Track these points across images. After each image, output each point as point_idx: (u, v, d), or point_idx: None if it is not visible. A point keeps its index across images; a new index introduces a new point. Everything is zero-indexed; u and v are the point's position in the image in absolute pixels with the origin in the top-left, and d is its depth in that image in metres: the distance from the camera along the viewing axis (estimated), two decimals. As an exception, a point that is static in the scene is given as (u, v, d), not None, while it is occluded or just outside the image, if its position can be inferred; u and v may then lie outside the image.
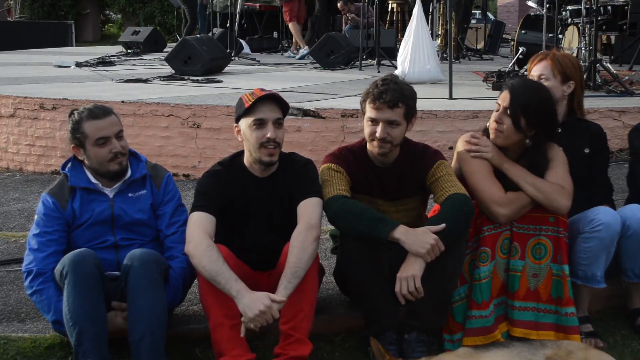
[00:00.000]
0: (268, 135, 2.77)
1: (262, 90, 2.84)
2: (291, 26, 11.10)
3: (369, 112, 2.85)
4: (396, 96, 2.80)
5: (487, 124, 3.04)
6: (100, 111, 2.85)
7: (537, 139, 2.93)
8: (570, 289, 2.89)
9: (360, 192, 2.93)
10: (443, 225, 2.66)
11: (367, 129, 2.87)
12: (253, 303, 2.51)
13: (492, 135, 2.98)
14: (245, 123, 2.81)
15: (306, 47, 10.95)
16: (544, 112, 2.91)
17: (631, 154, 3.45)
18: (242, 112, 2.80)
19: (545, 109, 2.92)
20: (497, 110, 2.96)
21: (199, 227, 2.71)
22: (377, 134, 2.82)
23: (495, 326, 2.89)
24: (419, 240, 2.63)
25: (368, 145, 2.92)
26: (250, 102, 2.76)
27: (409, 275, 2.62)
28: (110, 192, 2.92)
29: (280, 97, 2.84)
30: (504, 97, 2.93)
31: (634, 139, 3.37)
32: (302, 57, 10.74)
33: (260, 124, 2.78)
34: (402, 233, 2.66)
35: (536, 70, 3.21)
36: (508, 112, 2.90)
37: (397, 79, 2.90)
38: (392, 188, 2.96)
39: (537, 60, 3.24)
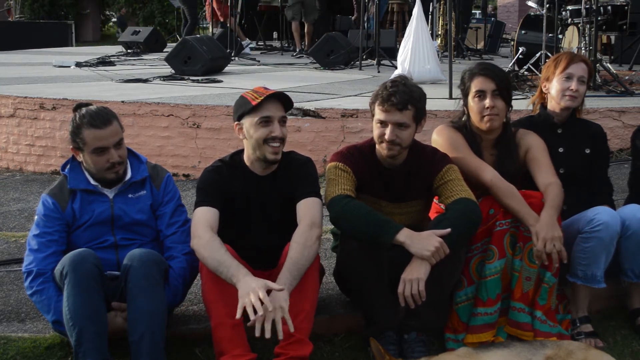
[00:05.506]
0: (275, 133, 2.77)
1: (265, 88, 2.84)
2: (231, 21, 11.52)
3: (378, 114, 2.84)
4: (405, 98, 2.80)
5: (462, 118, 3.13)
6: (101, 120, 2.79)
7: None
8: (554, 298, 2.95)
9: (365, 192, 2.92)
10: (448, 230, 2.66)
11: (376, 130, 2.87)
12: (246, 290, 2.48)
13: (488, 124, 3.03)
14: (249, 121, 2.80)
15: (247, 39, 11.83)
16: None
17: (633, 155, 3.44)
18: (248, 110, 2.79)
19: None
20: (476, 97, 3.01)
21: (202, 222, 2.73)
22: (386, 136, 2.81)
23: (497, 322, 2.91)
24: (424, 243, 2.63)
25: (377, 147, 2.91)
26: (259, 100, 2.76)
27: (414, 278, 2.62)
28: (110, 192, 2.91)
29: (284, 95, 2.84)
30: (483, 82, 3.00)
31: (635, 140, 3.37)
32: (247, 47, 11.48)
33: (266, 121, 2.78)
34: (406, 237, 2.65)
35: (577, 70, 3.18)
36: (497, 92, 3.00)
37: (406, 80, 2.89)
38: (398, 190, 2.96)
39: (577, 60, 3.20)
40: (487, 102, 3.00)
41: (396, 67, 7.32)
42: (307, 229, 2.71)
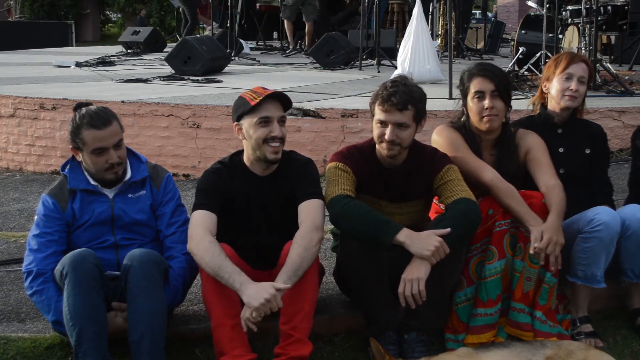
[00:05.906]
0: (274, 133, 2.77)
1: (264, 88, 2.84)
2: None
3: (378, 114, 2.84)
4: (405, 98, 2.80)
5: (461, 118, 3.13)
6: (101, 120, 2.79)
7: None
8: (554, 298, 2.94)
9: (365, 192, 2.92)
10: (448, 229, 2.66)
11: (376, 130, 2.87)
12: (258, 293, 2.52)
13: (487, 125, 3.02)
14: (248, 121, 2.80)
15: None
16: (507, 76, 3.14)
17: (633, 155, 3.44)
18: (247, 110, 2.79)
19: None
20: (475, 98, 3.01)
21: (200, 225, 2.73)
22: (386, 137, 2.81)
23: (497, 322, 2.91)
24: (424, 243, 2.63)
25: (377, 147, 2.91)
26: (257, 100, 2.76)
27: (414, 278, 2.62)
28: (110, 192, 2.91)
29: (283, 95, 2.84)
30: (482, 83, 3.00)
31: (635, 140, 3.37)
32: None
33: (266, 122, 2.78)
34: (406, 236, 2.66)
35: (577, 70, 3.17)
36: (496, 93, 2.99)
37: (406, 80, 2.89)
38: (398, 190, 2.96)
39: (577, 60, 3.20)
40: (486, 102, 3.00)
41: (396, 67, 7.32)
42: (310, 231, 2.71)
